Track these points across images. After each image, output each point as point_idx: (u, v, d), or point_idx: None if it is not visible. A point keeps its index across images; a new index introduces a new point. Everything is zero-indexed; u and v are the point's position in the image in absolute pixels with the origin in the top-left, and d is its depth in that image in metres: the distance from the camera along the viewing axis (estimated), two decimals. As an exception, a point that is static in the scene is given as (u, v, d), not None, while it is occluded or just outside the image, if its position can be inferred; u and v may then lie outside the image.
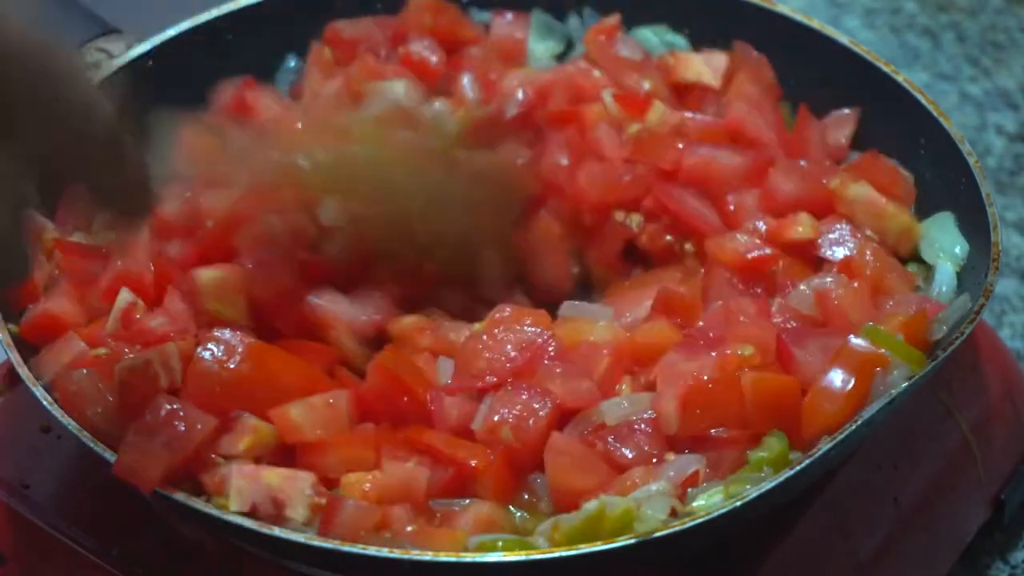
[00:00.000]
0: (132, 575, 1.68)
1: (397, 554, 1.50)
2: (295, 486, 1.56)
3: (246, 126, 1.90)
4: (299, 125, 1.90)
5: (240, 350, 1.61)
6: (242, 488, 1.55)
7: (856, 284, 1.72)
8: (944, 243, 1.81)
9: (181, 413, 1.57)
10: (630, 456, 1.60)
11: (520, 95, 1.95)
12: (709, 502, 1.55)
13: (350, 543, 1.50)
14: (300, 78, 2.05)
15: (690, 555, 1.65)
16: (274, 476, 1.56)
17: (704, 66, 2.01)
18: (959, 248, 1.80)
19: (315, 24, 2.08)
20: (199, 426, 1.56)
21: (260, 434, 1.60)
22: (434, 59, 2.01)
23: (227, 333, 1.63)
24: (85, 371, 1.62)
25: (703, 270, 1.82)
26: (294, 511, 1.55)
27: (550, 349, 1.67)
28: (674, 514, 1.54)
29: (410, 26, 2.04)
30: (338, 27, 2.05)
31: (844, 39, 1.97)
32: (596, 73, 1.99)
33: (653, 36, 2.08)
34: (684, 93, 2.01)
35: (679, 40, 2.08)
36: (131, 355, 1.64)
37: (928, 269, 1.81)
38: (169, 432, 1.56)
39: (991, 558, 1.99)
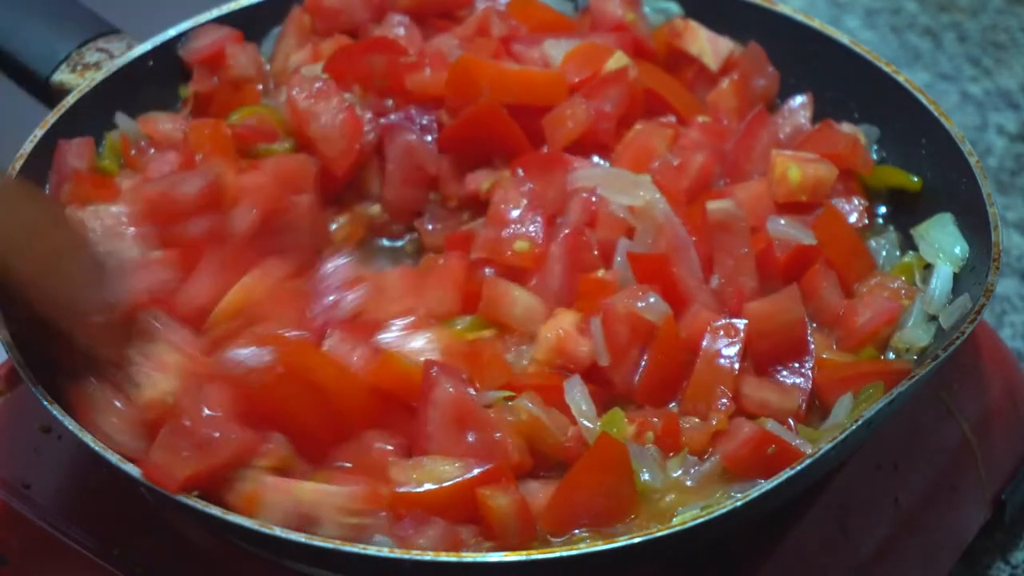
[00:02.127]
0: (133, 575, 1.69)
1: (397, 554, 1.50)
2: (329, 502, 1.55)
3: None
4: None
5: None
6: (274, 502, 1.54)
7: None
8: (944, 244, 1.81)
9: (217, 421, 1.58)
10: None
11: None
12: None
13: (350, 543, 1.50)
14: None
15: (690, 555, 1.65)
16: (306, 491, 1.55)
17: (707, 44, 2.01)
18: (959, 249, 1.79)
19: (316, 24, 2.09)
20: (233, 436, 1.57)
21: (284, 458, 1.60)
22: (406, 35, 1.99)
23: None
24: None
25: None
26: (326, 530, 1.54)
27: None
28: None
29: None
30: None
31: (845, 39, 1.97)
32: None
33: (644, 6, 2.08)
34: (678, 63, 2.02)
35: (671, 6, 2.08)
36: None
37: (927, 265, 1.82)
38: (203, 438, 1.57)
39: (991, 558, 1.99)
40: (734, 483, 1.60)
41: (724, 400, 1.65)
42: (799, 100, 1.98)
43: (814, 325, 1.77)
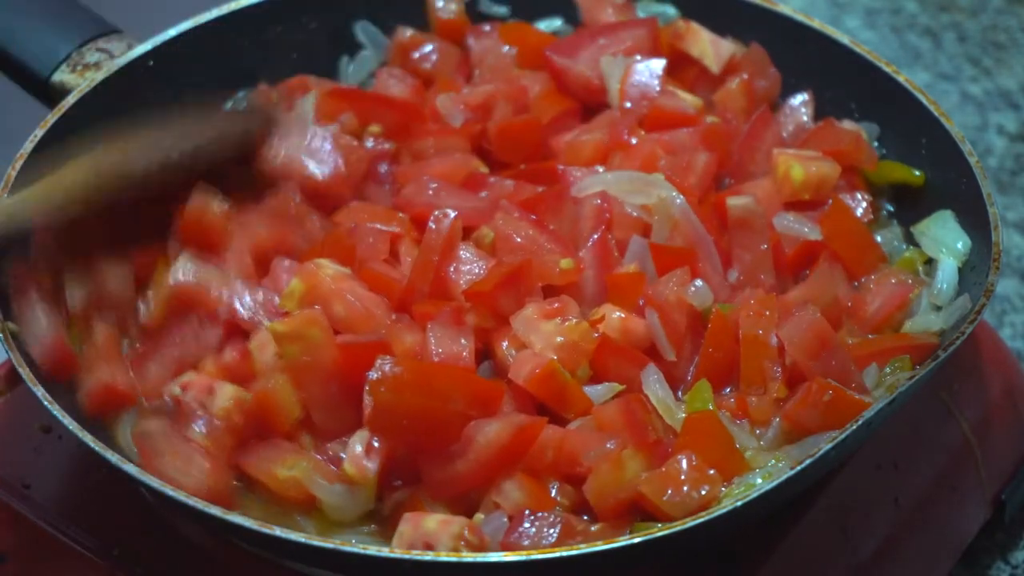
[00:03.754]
0: (133, 575, 1.69)
1: (398, 554, 1.50)
2: (447, 530, 1.55)
3: None
4: None
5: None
6: (404, 532, 1.55)
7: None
8: (946, 239, 1.82)
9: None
10: None
11: None
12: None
13: (350, 543, 1.50)
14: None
15: (690, 555, 1.65)
16: (432, 522, 1.56)
17: (709, 47, 2.01)
18: (961, 244, 1.80)
19: (317, 25, 2.09)
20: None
21: None
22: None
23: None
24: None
25: None
26: (441, 548, 1.55)
27: None
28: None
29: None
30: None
31: (845, 39, 1.97)
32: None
33: (638, 11, 2.09)
34: (679, 63, 2.02)
35: (667, 8, 2.09)
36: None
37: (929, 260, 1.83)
38: None
39: (991, 558, 1.99)
40: (798, 443, 1.62)
41: (777, 369, 1.67)
42: (800, 98, 1.98)
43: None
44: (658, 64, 1.96)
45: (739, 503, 1.50)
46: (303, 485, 1.61)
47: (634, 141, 1.89)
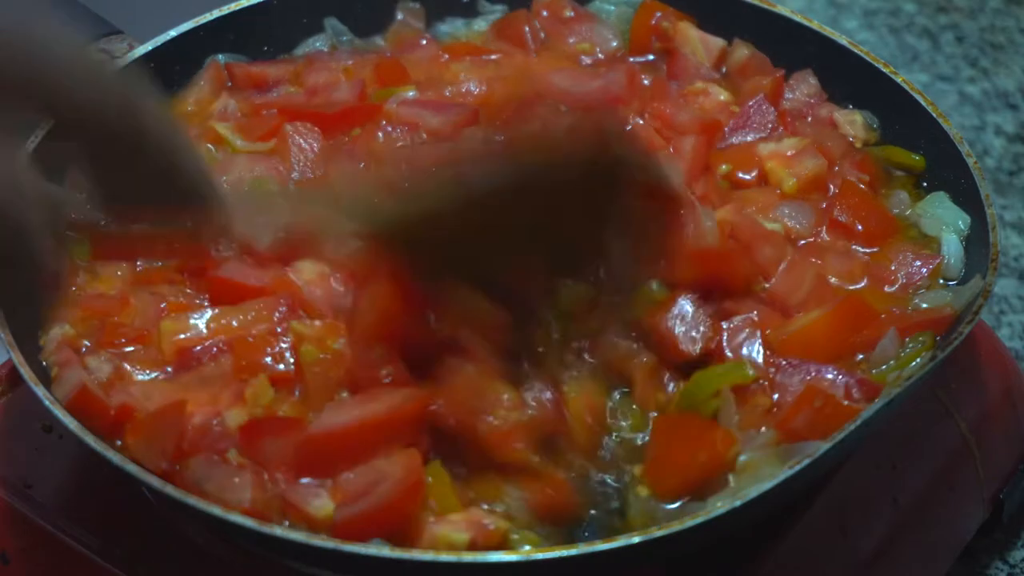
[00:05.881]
0: (135, 575, 1.69)
1: (397, 554, 1.50)
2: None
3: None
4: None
5: None
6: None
7: None
8: (945, 216, 1.84)
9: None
10: None
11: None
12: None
13: (350, 543, 1.51)
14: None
15: (690, 555, 1.66)
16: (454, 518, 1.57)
17: (699, 44, 2.04)
18: (961, 221, 1.82)
19: (317, 26, 2.09)
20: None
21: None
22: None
23: None
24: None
25: None
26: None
27: None
28: None
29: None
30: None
31: (843, 40, 1.98)
32: None
33: (608, 5, 2.11)
34: (671, 59, 2.04)
35: None
36: None
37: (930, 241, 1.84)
38: None
39: (990, 558, 1.99)
40: (788, 450, 1.61)
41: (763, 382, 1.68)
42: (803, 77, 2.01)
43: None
44: None
45: (739, 503, 1.51)
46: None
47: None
